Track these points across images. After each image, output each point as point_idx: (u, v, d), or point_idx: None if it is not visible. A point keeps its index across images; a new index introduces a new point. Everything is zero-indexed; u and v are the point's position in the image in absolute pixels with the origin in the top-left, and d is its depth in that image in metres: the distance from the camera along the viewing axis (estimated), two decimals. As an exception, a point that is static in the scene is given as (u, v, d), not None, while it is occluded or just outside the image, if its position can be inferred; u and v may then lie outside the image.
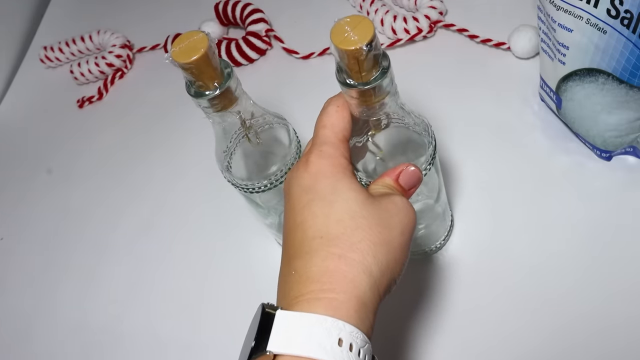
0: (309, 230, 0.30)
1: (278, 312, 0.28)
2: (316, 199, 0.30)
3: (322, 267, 0.29)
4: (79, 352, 0.53)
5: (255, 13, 0.66)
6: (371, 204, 0.30)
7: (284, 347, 0.27)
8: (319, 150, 0.32)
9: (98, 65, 0.70)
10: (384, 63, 0.30)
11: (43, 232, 0.62)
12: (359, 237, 0.29)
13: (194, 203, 0.58)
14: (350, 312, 0.28)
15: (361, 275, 0.28)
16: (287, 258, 0.31)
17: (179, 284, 0.54)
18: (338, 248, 0.29)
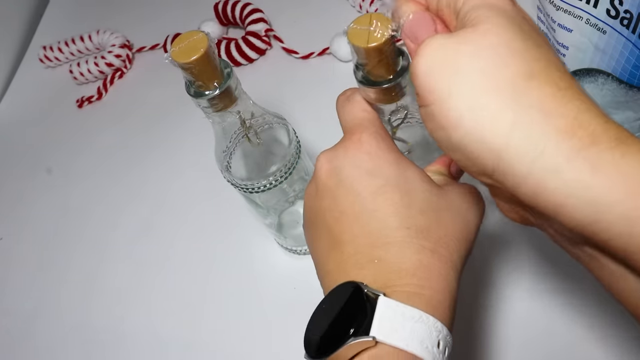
0: (390, 219, 0.28)
1: (382, 298, 0.26)
2: (388, 185, 0.28)
3: (415, 260, 0.27)
4: (79, 351, 0.53)
5: (254, 13, 0.66)
6: (446, 195, 0.29)
7: (389, 337, 0.25)
8: (369, 132, 0.29)
9: (97, 65, 0.70)
10: (403, 62, 0.30)
11: (43, 231, 0.62)
12: (444, 231, 0.28)
13: (193, 203, 0.58)
14: (446, 312, 0.27)
15: (451, 272, 0.28)
16: (357, 245, 0.28)
17: (179, 283, 0.54)
18: (428, 242, 0.28)
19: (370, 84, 0.30)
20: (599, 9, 0.37)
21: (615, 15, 0.37)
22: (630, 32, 0.37)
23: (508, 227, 0.47)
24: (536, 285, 0.44)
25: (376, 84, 0.30)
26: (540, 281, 0.44)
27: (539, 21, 0.45)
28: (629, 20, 0.36)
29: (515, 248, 0.46)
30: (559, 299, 0.43)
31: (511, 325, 0.43)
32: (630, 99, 0.41)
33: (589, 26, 0.39)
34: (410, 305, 0.26)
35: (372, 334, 0.25)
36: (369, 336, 0.25)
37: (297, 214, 0.48)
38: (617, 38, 0.38)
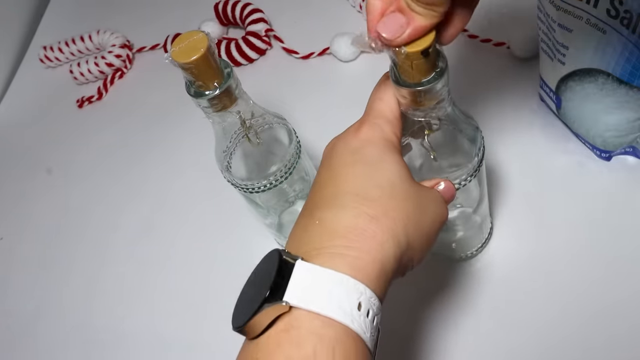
0: (344, 185, 0.29)
1: (298, 262, 0.26)
2: (360, 160, 0.30)
3: (351, 222, 0.28)
4: (80, 351, 0.53)
5: (254, 13, 0.66)
6: (412, 184, 0.30)
7: (303, 301, 0.25)
8: (373, 122, 0.31)
9: (98, 65, 0.70)
10: (441, 64, 0.30)
11: (43, 231, 0.62)
12: (394, 205, 0.28)
13: (193, 203, 0.58)
14: (371, 276, 0.27)
15: (390, 241, 0.28)
16: (311, 208, 0.30)
17: (180, 283, 0.54)
18: (372, 209, 0.28)
19: (399, 85, 0.30)
20: (599, 9, 0.37)
21: (615, 15, 0.37)
22: (630, 32, 0.37)
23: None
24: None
25: (405, 85, 0.30)
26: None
27: (539, 21, 0.45)
28: (629, 20, 0.36)
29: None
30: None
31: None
32: (630, 99, 0.41)
33: (589, 26, 0.39)
34: (331, 267, 0.26)
35: (285, 299, 0.25)
36: (282, 301, 0.25)
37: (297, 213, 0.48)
38: (617, 38, 0.38)
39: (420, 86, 0.29)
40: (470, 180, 0.37)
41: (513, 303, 0.44)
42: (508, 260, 0.46)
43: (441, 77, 0.29)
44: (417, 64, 0.28)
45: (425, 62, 0.28)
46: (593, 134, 0.47)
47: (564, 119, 0.49)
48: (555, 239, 0.46)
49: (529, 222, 0.47)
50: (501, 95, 0.54)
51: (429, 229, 0.30)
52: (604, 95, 0.42)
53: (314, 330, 0.25)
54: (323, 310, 0.25)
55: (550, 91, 0.48)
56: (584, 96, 0.44)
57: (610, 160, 0.48)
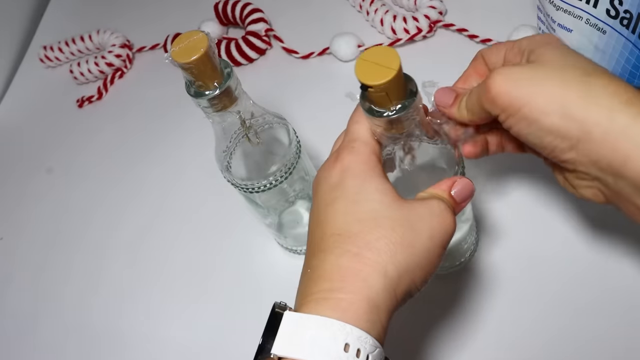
0: (327, 227, 0.29)
1: (286, 313, 0.27)
2: (341, 197, 0.30)
3: (335, 264, 0.28)
4: (79, 351, 0.53)
5: (254, 13, 0.66)
6: (399, 206, 0.29)
7: (287, 351, 0.26)
8: (350, 146, 0.31)
9: (98, 64, 0.70)
10: (412, 88, 0.30)
11: (43, 231, 0.62)
12: (376, 235, 0.28)
13: (193, 203, 0.58)
14: (359, 314, 0.27)
15: (374, 274, 0.27)
16: (307, 256, 0.30)
17: (179, 283, 0.54)
18: (354, 246, 0.28)
19: (372, 114, 0.30)
20: (598, 9, 0.37)
21: (615, 15, 0.37)
22: (630, 32, 0.37)
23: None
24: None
25: (378, 114, 0.30)
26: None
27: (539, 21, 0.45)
28: (628, 20, 0.36)
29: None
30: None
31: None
32: (630, 99, 0.41)
33: (589, 26, 0.39)
34: (316, 312, 0.26)
35: (272, 351, 0.26)
36: (269, 353, 0.26)
37: (297, 213, 0.48)
38: (617, 38, 0.38)
39: (395, 113, 0.29)
40: None
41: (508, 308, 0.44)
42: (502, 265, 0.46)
43: (412, 104, 0.29)
44: (376, 96, 0.28)
45: (392, 93, 0.29)
46: (593, 134, 0.47)
47: (563, 119, 0.49)
48: (554, 240, 0.46)
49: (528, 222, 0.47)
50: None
51: (428, 246, 0.29)
52: (604, 95, 0.42)
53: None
54: (306, 357, 0.26)
55: (550, 91, 0.48)
56: (583, 96, 0.44)
57: (610, 160, 0.48)
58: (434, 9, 0.60)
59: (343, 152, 0.31)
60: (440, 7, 0.60)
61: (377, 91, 0.28)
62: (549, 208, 0.47)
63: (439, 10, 0.60)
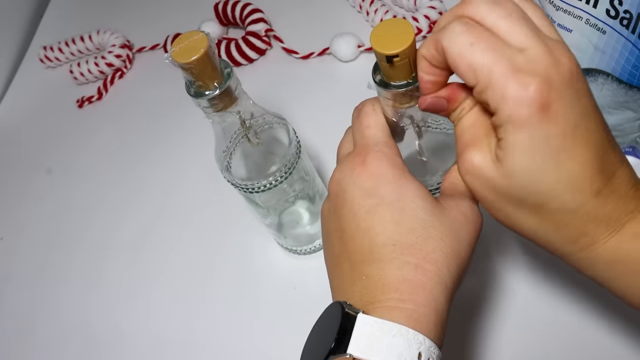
0: (378, 237, 0.29)
1: (361, 315, 0.27)
2: (382, 204, 0.29)
3: (398, 275, 0.28)
4: (79, 351, 0.53)
5: (254, 13, 0.66)
6: (440, 213, 0.30)
7: (366, 353, 0.26)
8: (375, 151, 0.31)
9: (98, 65, 0.70)
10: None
11: (43, 231, 0.62)
12: (431, 247, 0.28)
13: (193, 203, 0.58)
14: (430, 326, 0.27)
15: (438, 287, 0.28)
16: (352, 262, 0.30)
17: (179, 283, 0.54)
18: (413, 257, 0.28)
19: (384, 86, 0.30)
20: (598, 9, 0.37)
21: (614, 16, 0.37)
22: (629, 32, 0.37)
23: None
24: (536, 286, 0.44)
25: (393, 87, 0.30)
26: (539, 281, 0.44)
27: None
28: (628, 21, 0.36)
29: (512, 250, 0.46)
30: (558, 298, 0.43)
31: (510, 325, 0.43)
32: (630, 99, 0.41)
33: (589, 26, 0.39)
34: (389, 319, 0.27)
35: (348, 352, 0.26)
36: (345, 354, 0.26)
37: (297, 213, 0.48)
38: (617, 38, 0.38)
39: (405, 86, 0.30)
40: None
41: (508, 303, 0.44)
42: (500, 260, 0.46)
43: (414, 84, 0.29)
44: (400, 65, 0.29)
45: (407, 63, 0.29)
46: (593, 134, 0.47)
47: (563, 119, 0.49)
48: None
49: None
50: (501, 95, 0.54)
51: (469, 253, 0.30)
52: (604, 95, 0.42)
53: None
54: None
55: (550, 91, 0.48)
56: (583, 96, 0.44)
57: (610, 160, 0.48)
58: (434, 9, 0.60)
59: (369, 157, 0.30)
60: (440, 8, 0.60)
61: (402, 58, 0.28)
62: None
63: (438, 11, 0.60)
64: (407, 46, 0.28)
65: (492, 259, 0.46)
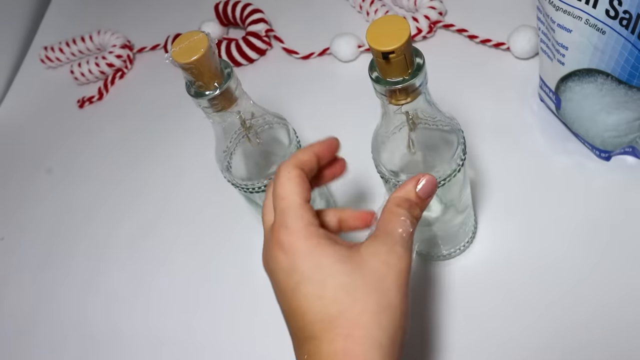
0: (306, 315, 0.29)
1: None
2: (303, 280, 0.30)
3: (330, 350, 0.28)
4: (79, 351, 0.53)
5: (255, 13, 0.66)
6: (361, 269, 0.29)
7: None
8: (284, 227, 0.31)
9: (98, 65, 0.70)
10: (419, 61, 0.30)
11: (44, 232, 0.62)
12: (358, 310, 0.28)
13: (193, 203, 0.58)
14: None
15: (371, 350, 0.28)
16: (297, 341, 0.30)
17: (179, 283, 0.54)
18: (342, 328, 0.28)
19: (376, 82, 0.31)
20: (598, 10, 0.37)
21: (614, 16, 0.37)
22: (629, 32, 0.37)
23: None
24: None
25: (389, 83, 0.30)
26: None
27: (538, 21, 0.45)
28: (628, 21, 0.36)
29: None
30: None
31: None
32: (629, 99, 0.41)
33: (588, 26, 0.39)
34: None
35: None
36: None
37: (297, 213, 0.48)
38: (617, 38, 0.38)
39: (398, 83, 0.30)
40: (449, 180, 0.37)
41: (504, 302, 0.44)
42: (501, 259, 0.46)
43: (418, 74, 0.30)
44: (396, 61, 0.29)
45: (401, 60, 0.29)
46: (592, 134, 0.47)
47: (563, 119, 0.49)
48: (553, 238, 0.46)
49: (528, 222, 0.47)
50: (500, 95, 0.55)
51: (401, 298, 0.29)
52: (603, 95, 0.42)
53: None
54: None
55: (550, 91, 0.48)
56: (583, 96, 0.44)
57: (610, 160, 0.48)
58: (434, 10, 0.60)
59: (281, 235, 0.31)
60: (440, 8, 0.60)
61: (397, 55, 0.28)
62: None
63: (439, 11, 0.60)
64: (402, 43, 0.28)
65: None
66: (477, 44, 0.58)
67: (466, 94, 0.55)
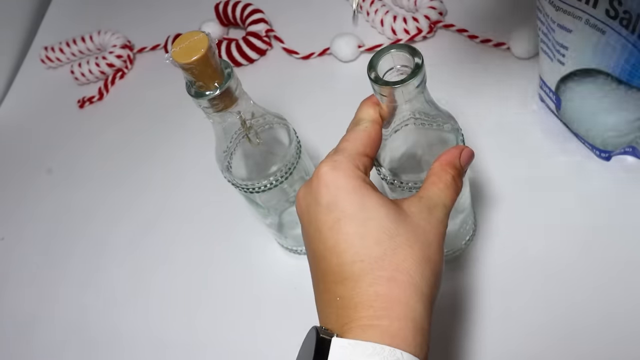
0: (345, 254, 0.28)
1: (334, 339, 0.27)
2: (344, 217, 0.28)
3: (370, 292, 0.27)
4: (79, 351, 0.53)
5: (255, 13, 0.66)
6: (405, 219, 0.29)
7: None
8: (332, 161, 0.30)
9: (99, 65, 0.70)
10: (417, 60, 0.30)
11: (44, 232, 0.62)
12: (401, 256, 0.28)
13: (194, 203, 0.58)
14: (408, 340, 0.27)
15: (414, 296, 0.27)
16: (326, 283, 0.29)
17: (179, 283, 0.54)
18: (384, 270, 0.28)
19: (373, 82, 0.31)
20: (598, 10, 0.37)
21: (614, 16, 0.37)
22: (629, 32, 0.37)
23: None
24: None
25: (379, 82, 0.31)
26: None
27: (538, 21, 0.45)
28: (628, 21, 0.36)
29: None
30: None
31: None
32: (629, 99, 0.41)
33: (589, 26, 0.39)
34: (364, 339, 0.26)
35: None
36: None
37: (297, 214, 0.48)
38: (617, 38, 0.38)
39: (394, 84, 0.30)
40: None
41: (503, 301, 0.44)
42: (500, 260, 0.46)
43: (416, 76, 0.30)
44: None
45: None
46: (593, 134, 0.47)
47: (563, 119, 0.49)
48: (553, 239, 0.46)
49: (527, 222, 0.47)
50: (501, 95, 0.55)
51: (440, 256, 0.29)
52: (604, 95, 0.42)
53: None
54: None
55: (550, 91, 0.48)
56: (583, 96, 0.44)
57: (610, 160, 0.48)
58: (434, 10, 0.60)
59: (323, 167, 0.30)
60: (440, 8, 0.60)
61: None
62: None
63: (439, 11, 0.60)
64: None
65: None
66: (477, 44, 0.58)
67: (466, 94, 0.55)
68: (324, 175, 0.29)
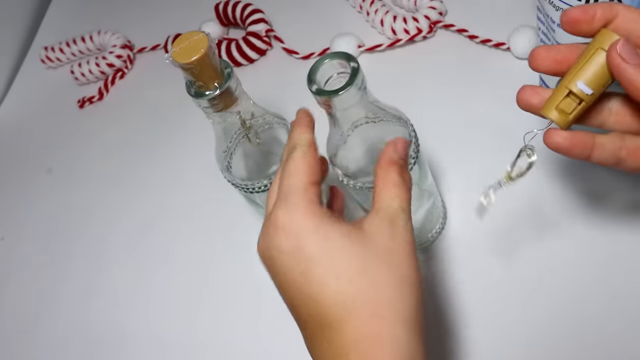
0: (322, 299, 0.27)
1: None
2: (312, 262, 0.28)
3: (355, 334, 0.27)
4: (80, 351, 0.53)
5: (255, 13, 0.66)
6: (370, 245, 0.28)
7: None
8: (285, 204, 0.29)
9: (99, 65, 0.70)
10: (354, 65, 0.32)
11: (44, 232, 0.62)
12: (378, 287, 0.27)
13: (194, 203, 0.58)
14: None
15: (398, 326, 0.27)
16: (310, 330, 0.29)
17: (180, 283, 0.54)
18: (365, 309, 0.27)
19: (314, 93, 0.33)
20: (598, 9, 0.37)
21: (614, 16, 0.37)
22: (629, 32, 0.37)
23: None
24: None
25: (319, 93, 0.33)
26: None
27: (538, 22, 0.45)
28: (628, 21, 0.36)
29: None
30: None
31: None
32: (629, 99, 0.41)
33: (589, 26, 0.39)
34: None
35: None
36: None
37: (297, 213, 0.48)
38: (617, 38, 0.38)
39: (330, 94, 0.32)
40: (413, 163, 0.39)
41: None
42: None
43: (350, 86, 0.31)
44: None
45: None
46: (593, 134, 0.47)
47: (563, 119, 0.49)
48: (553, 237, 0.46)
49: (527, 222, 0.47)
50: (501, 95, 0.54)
51: (411, 271, 0.29)
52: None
53: None
54: None
55: (550, 91, 0.48)
56: (583, 96, 0.44)
57: (610, 160, 0.48)
58: (434, 10, 0.60)
59: (279, 212, 0.29)
60: (440, 8, 0.60)
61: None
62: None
63: (439, 11, 0.60)
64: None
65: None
66: (477, 44, 0.58)
67: (466, 94, 0.55)
68: (282, 222, 0.29)
